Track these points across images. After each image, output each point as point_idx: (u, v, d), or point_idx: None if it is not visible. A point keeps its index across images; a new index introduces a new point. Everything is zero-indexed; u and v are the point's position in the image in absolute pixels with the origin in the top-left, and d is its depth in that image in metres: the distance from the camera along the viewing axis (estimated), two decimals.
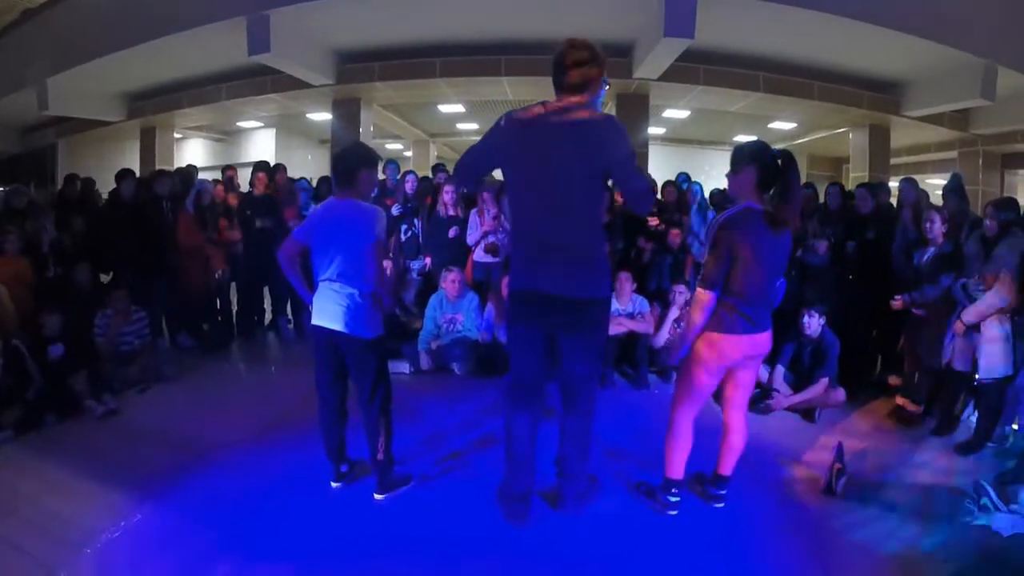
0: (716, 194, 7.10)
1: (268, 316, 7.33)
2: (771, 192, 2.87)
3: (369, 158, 3.27)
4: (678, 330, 5.54)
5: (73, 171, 8.43)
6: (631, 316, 5.52)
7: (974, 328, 4.19)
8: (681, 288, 5.62)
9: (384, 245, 3.22)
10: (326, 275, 3.16)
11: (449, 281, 5.66)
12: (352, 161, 3.21)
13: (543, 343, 2.97)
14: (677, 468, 3.16)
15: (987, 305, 4.06)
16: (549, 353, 3.00)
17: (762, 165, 2.85)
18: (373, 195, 3.45)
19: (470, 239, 6.11)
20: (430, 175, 7.57)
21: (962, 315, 4.20)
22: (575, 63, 2.70)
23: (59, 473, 3.61)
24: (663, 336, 5.54)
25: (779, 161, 2.86)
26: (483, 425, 4.30)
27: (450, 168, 7.49)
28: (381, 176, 6.97)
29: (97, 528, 2.97)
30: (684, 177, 7.31)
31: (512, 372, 3.06)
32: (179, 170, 7.68)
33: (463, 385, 5.29)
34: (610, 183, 2.92)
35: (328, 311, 3.15)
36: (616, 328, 5.33)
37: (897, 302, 4.74)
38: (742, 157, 2.91)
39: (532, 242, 2.83)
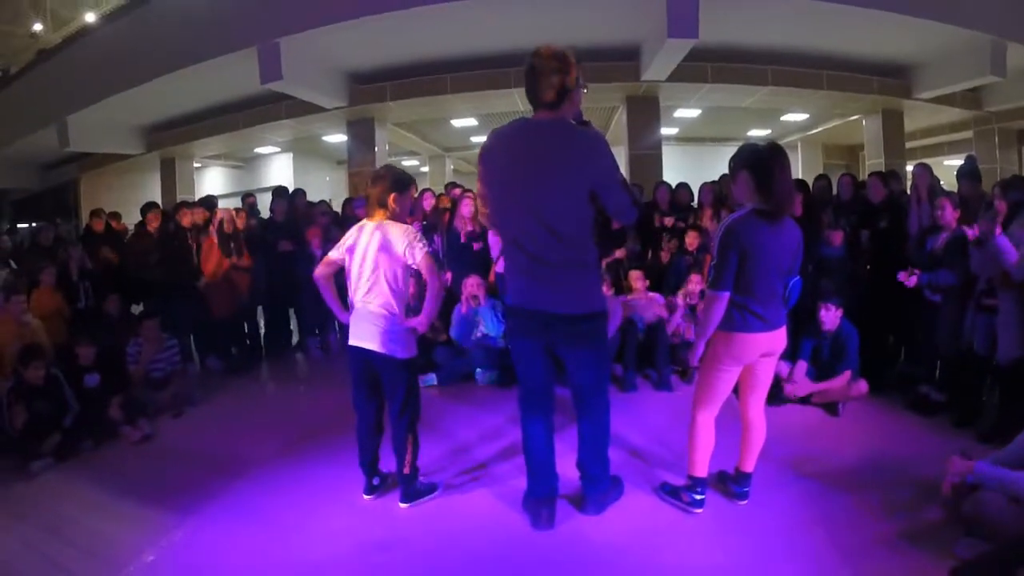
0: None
1: (295, 337, 7.47)
2: (768, 191, 2.91)
3: (398, 181, 3.33)
4: (690, 321, 5.62)
5: (95, 205, 8.68)
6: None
7: (992, 309, 4.17)
8: (695, 278, 5.69)
9: (435, 258, 3.29)
10: (362, 296, 3.26)
11: (469, 286, 5.71)
12: (382, 187, 3.28)
13: (545, 354, 3.03)
14: (701, 466, 3.21)
15: (1010, 254, 3.93)
16: (552, 362, 3.06)
17: (753, 168, 2.91)
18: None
19: (493, 252, 6.17)
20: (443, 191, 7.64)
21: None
22: (543, 74, 2.67)
23: (99, 496, 3.75)
24: (673, 321, 5.64)
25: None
26: (506, 435, 4.35)
27: (465, 182, 7.58)
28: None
29: (138, 547, 3.08)
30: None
31: (520, 381, 3.13)
32: (201, 200, 7.85)
33: (486, 396, 5.35)
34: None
35: (365, 332, 3.26)
36: (613, 319, 5.39)
37: (909, 278, 4.61)
38: (735, 165, 2.98)
39: (522, 260, 2.86)
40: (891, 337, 5.67)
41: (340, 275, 3.43)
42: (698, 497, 3.22)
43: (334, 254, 3.39)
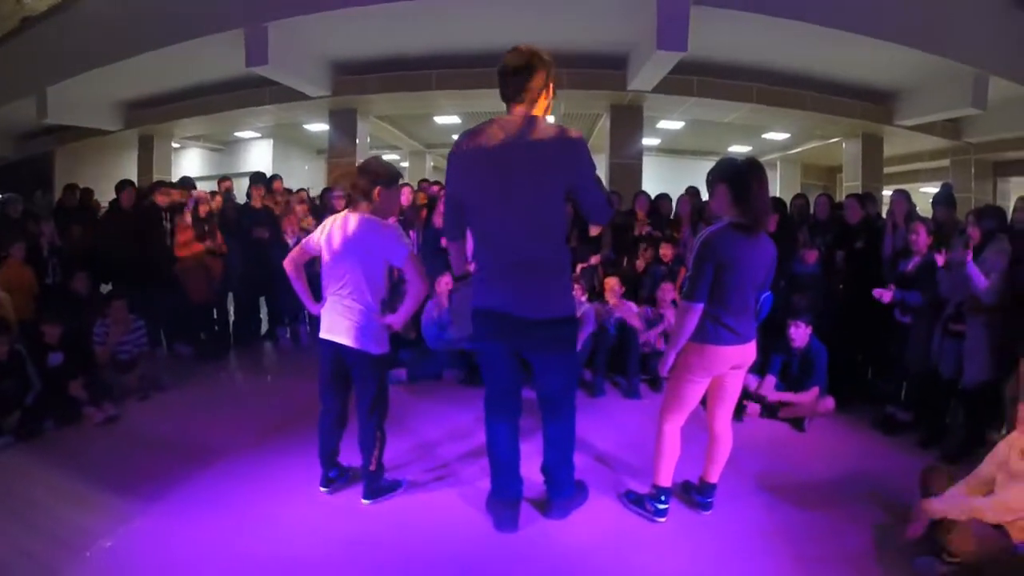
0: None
1: (265, 326, 7.40)
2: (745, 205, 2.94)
3: (388, 174, 3.27)
4: (659, 335, 5.66)
5: (71, 179, 8.54)
6: (618, 323, 5.63)
7: (959, 335, 4.25)
8: (667, 286, 5.75)
9: (417, 257, 3.23)
10: (336, 289, 3.21)
11: (443, 284, 5.71)
12: (369, 177, 3.22)
13: (511, 358, 3.01)
14: (665, 475, 3.22)
15: (979, 281, 4.06)
16: (519, 365, 3.05)
17: (731, 181, 2.93)
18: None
19: (470, 250, 6.14)
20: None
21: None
22: (514, 71, 2.70)
23: (60, 478, 3.67)
24: (647, 333, 5.68)
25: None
26: (472, 435, 4.34)
27: (442, 180, 7.55)
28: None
29: (97, 532, 3.03)
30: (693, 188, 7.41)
31: (486, 384, 3.12)
32: (179, 181, 7.74)
33: (455, 394, 5.34)
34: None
35: (337, 325, 3.21)
36: (587, 325, 5.42)
37: (884, 294, 4.66)
38: (712, 178, 3.01)
39: (493, 262, 2.85)
40: (860, 356, 5.74)
41: (312, 265, 3.38)
42: (661, 506, 3.24)
43: (310, 243, 3.33)
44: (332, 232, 3.24)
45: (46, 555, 2.87)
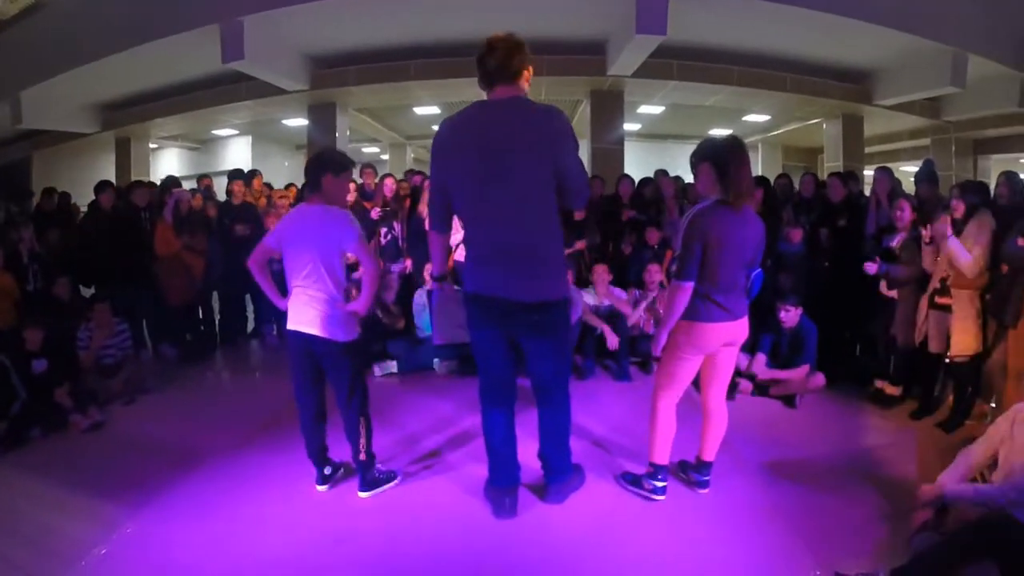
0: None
1: (251, 324, 7.33)
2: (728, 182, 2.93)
3: (335, 162, 3.24)
4: (646, 310, 5.65)
5: (48, 184, 8.40)
6: (608, 312, 5.61)
7: (945, 308, 4.28)
8: (655, 267, 5.76)
9: (365, 240, 3.22)
10: (298, 279, 3.17)
11: (429, 273, 5.64)
12: (317, 166, 3.21)
13: (505, 343, 2.98)
14: (661, 453, 3.23)
15: (962, 255, 4.08)
16: (513, 351, 3.02)
17: (714, 160, 2.94)
18: (348, 199, 3.43)
19: (452, 240, 6.11)
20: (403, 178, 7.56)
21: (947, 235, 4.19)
22: (502, 52, 2.70)
23: (47, 487, 3.60)
24: (635, 316, 5.65)
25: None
26: (465, 421, 4.34)
27: (426, 170, 7.51)
28: (357, 180, 7.01)
29: (87, 541, 2.97)
30: (662, 173, 7.45)
31: (480, 372, 3.08)
32: (162, 181, 7.65)
33: (445, 383, 5.33)
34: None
35: (302, 315, 3.17)
36: (595, 322, 5.45)
37: (871, 266, 4.72)
38: (696, 158, 3.01)
39: (484, 245, 2.82)
40: (847, 333, 5.77)
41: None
42: (659, 484, 3.24)
43: (268, 241, 3.30)
44: (287, 225, 3.23)
45: (34, 565, 2.81)
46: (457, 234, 6.02)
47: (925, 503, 2.68)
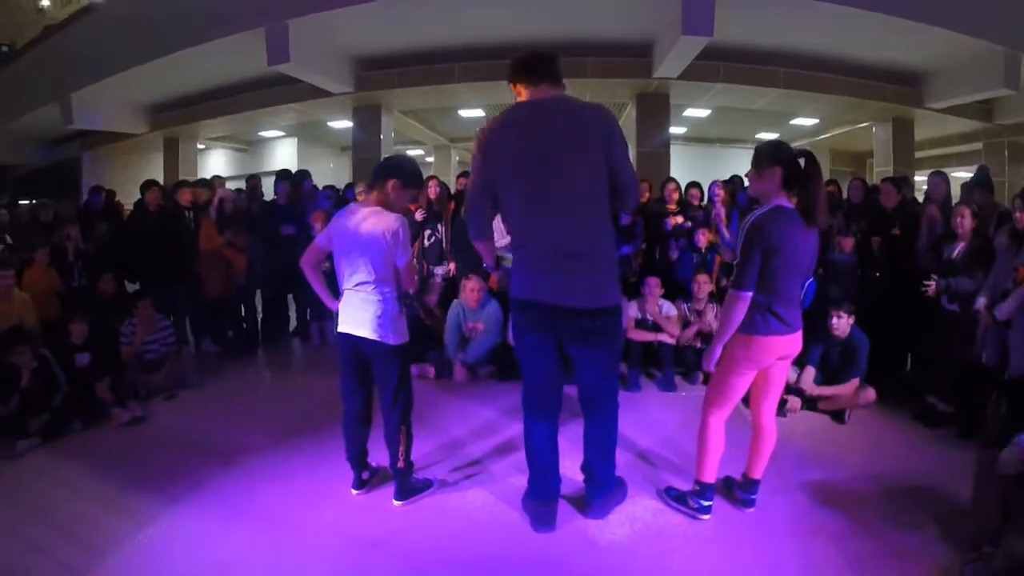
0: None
1: (293, 323, 7.38)
2: (795, 191, 2.82)
3: (408, 173, 3.18)
4: (702, 321, 5.51)
5: (97, 183, 8.58)
6: (656, 326, 5.51)
7: (1005, 323, 4.10)
8: (703, 278, 5.60)
9: (410, 247, 3.19)
10: (351, 282, 3.15)
11: (468, 290, 5.57)
12: (389, 168, 3.17)
13: (554, 351, 2.88)
14: (710, 471, 3.12)
15: (1020, 299, 3.96)
16: (562, 359, 2.92)
17: (787, 165, 2.81)
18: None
19: (498, 243, 6.05)
20: (453, 181, 7.53)
21: (995, 311, 4.10)
22: (538, 54, 2.74)
23: (85, 479, 3.65)
24: (683, 338, 5.51)
25: (801, 159, 2.83)
26: (504, 429, 4.28)
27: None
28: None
29: (122, 534, 2.99)
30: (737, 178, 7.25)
31: (526, 381, 2.99)
32: (200, 180, 7.76)
33: (485, 389, 5.27)
34: None
35: (354, 318, 3.15)
36: (642, 337, 5.33)
37: (931, 287, 4.58)
38: (765, 157, 2.86)
39: (536, 249, 2.72)
40: (899, 346, 5.57)
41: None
42: (705, 504, 3.13)
43: (320, 241, 3.27)
44: (341, 226, 3.18)
45: (66, 556, 2.84)
46: (502, 238, 6.00)
47: None
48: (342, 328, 3.21)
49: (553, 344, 2.86)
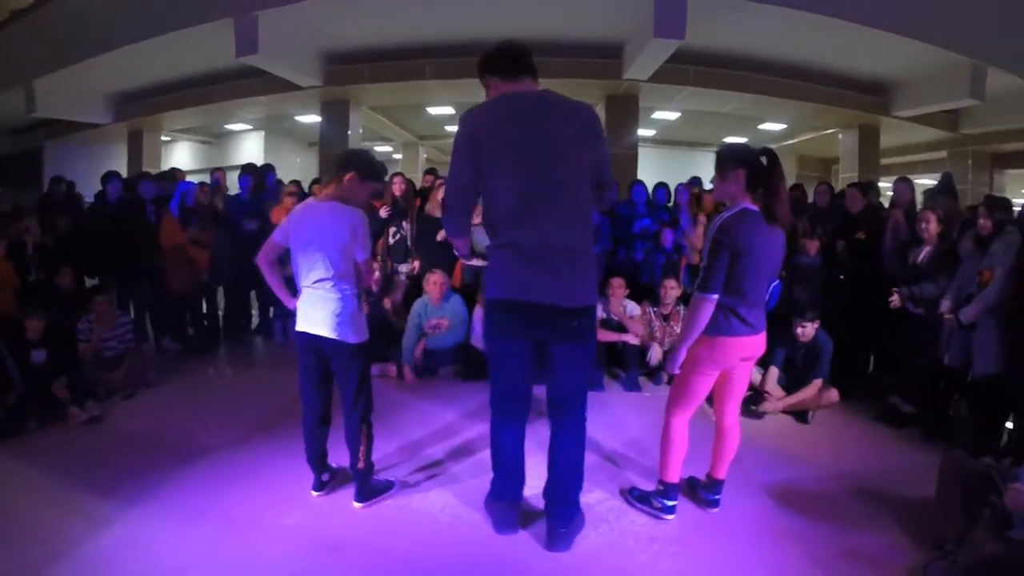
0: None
1: (255, 320, 7.27)
2: (759, 192, 2.83)
3: (367, 166, 3.13)
4: (667, 328, 5.53)
5: (60, 173, 8.35)
6: (620, 325, 5.52)
7: (969, 326, 4.17)
8: (671, 283, 5.62)
9: (369, 243, 3.14)
10: (308, 279, 3.08)
11: (432, 283, 5.52)
12: (348, 161, 3.12)
13: (530, 355, 2.79)
14: (674, 471, 3.12)
15: (984, 302, 4.04)
16: (537, 362, 2.83)
17: (750, 166, 2.82)
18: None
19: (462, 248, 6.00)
20: (419, 177, 7.48)
21: (960, 314, 4.17)
22: (521, 47, 2.70)
23: (41, 480, 3.53)
24: (651, 348, 5.53)
25: (763, 158, 2.84)
26: (467, 430, 4.25)
27: (441, 171, 7.44)
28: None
29: (79, 536, 2.89)
30: (696, 179, 7.36)
31: (498, 384, 2.88)
32: (163, 173, 7.62)
33: (449, 388, 5.23)
34: None
35: (313, 316, 3.08)
36: (606, 337, 5.33)
37: (895, 299, 4.67)
38: (729, 160, 2.87)
39: (526, 243, 2.59)
40: (862, 348, 5.65)
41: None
42: (669, 503, 3.13)
43: (276, 237, 3.19)
44: (298, 221, 3.11)
45: (19, 559, 2.74)
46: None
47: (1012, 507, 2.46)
48: (300, 327, 3.14)
49: (533, 346, 2.77)
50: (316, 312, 3.06)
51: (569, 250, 2.61)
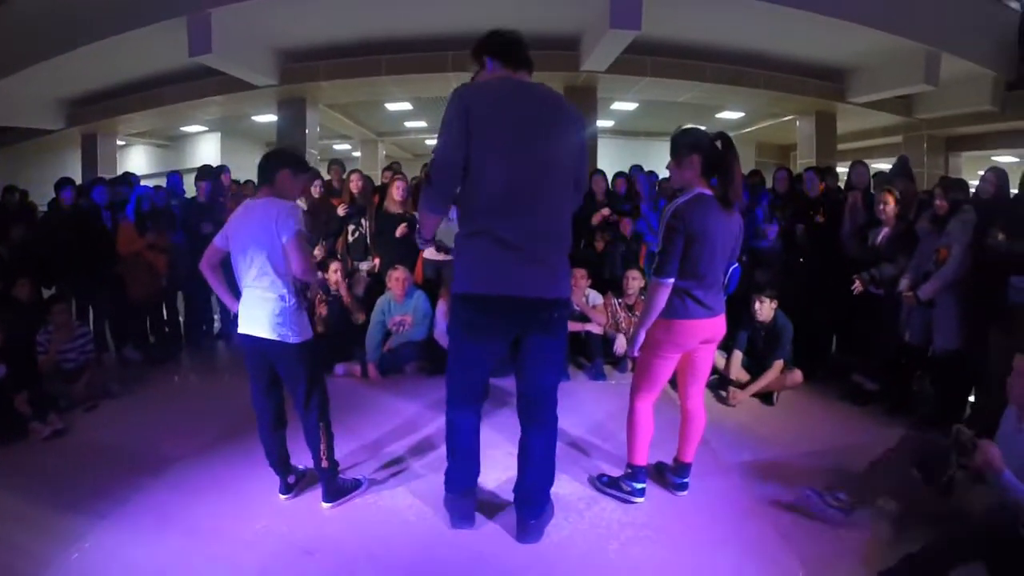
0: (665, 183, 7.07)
1: (217, 325, 7.17)
2: (714, 177, 2.87)
3: (297, 161, 3.15)
4: (632, 319, 5.57)
5: (12, 182, 8.13)
6: (582, 316, 5.58)
7: (928, 303, 4.27)
8: (634, 274, 5.67)
9: (306, 236, 3.06)
10: (248, 279, 3.03)
11: (394, 280, 5.48)
12: (276, 160, 3.09)
13: (498, 353, 2.76)
14: (640, 454, 3.16)
15: (942, 279, 4.14)
16: (502, 357, 2.81)
17: (705, 152, 2.86)
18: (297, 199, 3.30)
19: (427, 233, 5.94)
20: (378, 174, 7.42)
21: (919, 291, 4.27)
22: (521, 38, 2.70)
23: (5, 499, 3.42)
24: (616, 339, 5.59)
25: (718, 144, 2.87)
26: (431, 424, 4.25)
27: (404, 170, 7.39)
28: (325, 176, 6.91)
29: (48, 555, 2.82)
30: (637, 169, 7.40)
31: (459, 376, 2.82)
32: (117, 178, 7.46)
33: (413, 385, 5.21)
34: None
35: (253, 317, 3.03)
36: (570, 327, 5.33)
37: (857, 285, 4.77)
38: (684, 147, 2.90)
39: (501, 233, 2.51)
40: (824, 329, 5.74)
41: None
42: (638, 486, 3.17)
43: (217, 240, 3.14)
44: (237, 223, 3.07)
45: None
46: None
47: (983, 464, 2.45)
48: (242, 329, 3.09)
49: (500, 344, 2.73)
50: (255, 313, 3.01)
51: (551, 240, 2.60)
